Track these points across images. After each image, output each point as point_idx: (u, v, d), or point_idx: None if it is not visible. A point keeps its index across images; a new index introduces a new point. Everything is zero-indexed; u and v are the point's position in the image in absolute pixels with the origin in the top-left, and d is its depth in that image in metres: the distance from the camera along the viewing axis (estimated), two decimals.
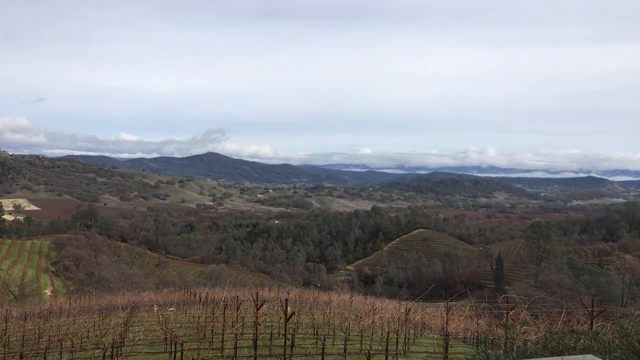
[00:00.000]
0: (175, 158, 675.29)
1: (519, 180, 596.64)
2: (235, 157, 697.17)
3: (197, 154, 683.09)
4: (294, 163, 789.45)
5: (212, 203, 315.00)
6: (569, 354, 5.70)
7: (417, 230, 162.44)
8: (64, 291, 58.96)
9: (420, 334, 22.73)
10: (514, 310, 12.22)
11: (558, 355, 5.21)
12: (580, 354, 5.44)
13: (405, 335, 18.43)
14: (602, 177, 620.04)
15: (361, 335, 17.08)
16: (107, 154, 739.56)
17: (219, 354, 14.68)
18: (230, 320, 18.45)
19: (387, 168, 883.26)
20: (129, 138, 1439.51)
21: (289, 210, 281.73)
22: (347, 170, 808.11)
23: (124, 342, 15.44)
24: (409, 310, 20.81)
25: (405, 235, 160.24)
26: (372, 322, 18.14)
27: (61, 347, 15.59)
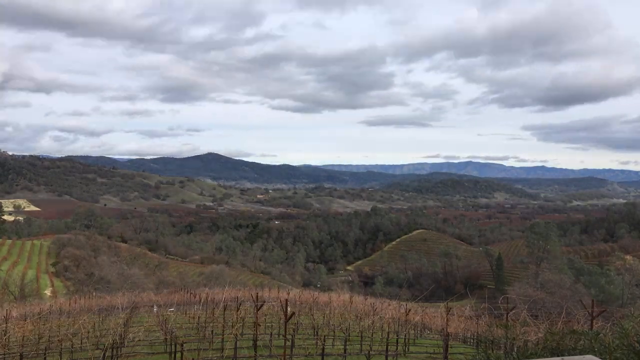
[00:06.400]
0: (176, 159, 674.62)
1: (519, 180, 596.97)
2: (235, 158, 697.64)
3: (197, 154, 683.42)
4: (294, 163, 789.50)
5: (212, 203, 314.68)
6: (569, 355, 5.71)
7: (417, 231, 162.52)
8: (64, 291, 58.94)
9: (420, 335, 22.75)
10: (514, 311, 12.23)
11: (558, 356, 5.22)
12: (581, 354, 5.44)
13: (405, 336, 18.43)
14: (602, 177, 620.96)
15: (361, 336, 17.08)
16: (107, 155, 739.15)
17: (219, 355, 14.66)
18: (230, 321, 18.44)
19: (388, 168, 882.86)
20: None
21: (289, 210, 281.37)
22: (347, 170, 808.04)
23: (123, 342, 15.45)
24: (409, 310, 20.81)
25: (405, 236, 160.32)
26: (372, 323, 18.14)
27: (61, 348, 15.59)
